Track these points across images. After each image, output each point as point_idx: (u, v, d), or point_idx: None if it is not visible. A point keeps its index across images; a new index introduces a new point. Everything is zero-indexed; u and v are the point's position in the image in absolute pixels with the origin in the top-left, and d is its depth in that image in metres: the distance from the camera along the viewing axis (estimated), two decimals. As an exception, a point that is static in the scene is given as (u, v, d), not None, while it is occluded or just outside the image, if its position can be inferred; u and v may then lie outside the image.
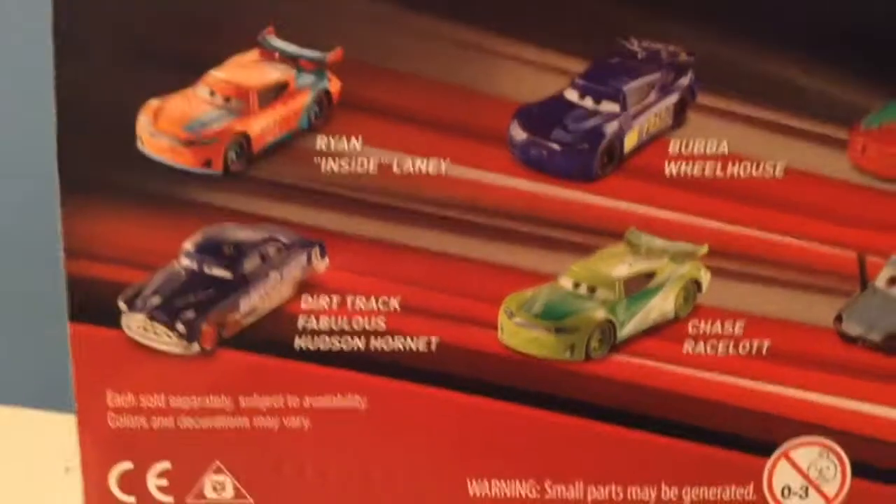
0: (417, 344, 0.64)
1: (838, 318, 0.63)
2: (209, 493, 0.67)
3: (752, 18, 0.60)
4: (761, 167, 0.62)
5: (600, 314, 0.64)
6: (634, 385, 0.64)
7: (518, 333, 0.64)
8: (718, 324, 0.63)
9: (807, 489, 0.66)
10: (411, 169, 0.62)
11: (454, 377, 0.64)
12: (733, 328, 0.63)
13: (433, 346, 0.64)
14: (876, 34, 0.60)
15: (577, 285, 0.64)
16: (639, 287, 0.64)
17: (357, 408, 0.65)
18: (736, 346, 0.63)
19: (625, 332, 0.64)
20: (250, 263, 0.64)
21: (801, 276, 0.63)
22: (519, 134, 0.62)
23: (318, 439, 0.66)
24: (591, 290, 0.64)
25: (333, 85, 0.62)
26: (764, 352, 0.63)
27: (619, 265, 0.64)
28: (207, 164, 0.62)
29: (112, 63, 0.60)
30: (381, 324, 0.64)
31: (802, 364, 0.63)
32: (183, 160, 0.63)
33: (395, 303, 0.64)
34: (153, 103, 0.61)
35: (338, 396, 0.65)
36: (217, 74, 0.62)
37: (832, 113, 0.61)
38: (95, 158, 0.61)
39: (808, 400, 0.64)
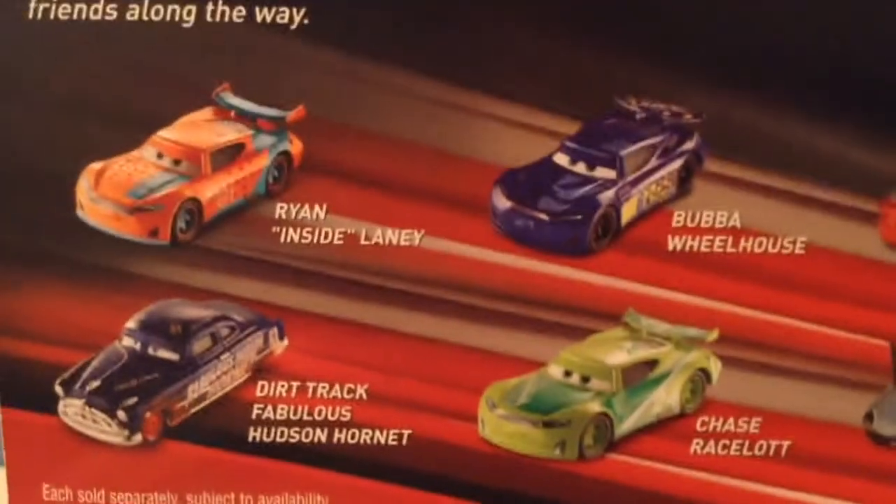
0: (387, 437, 0.57)
1: (869, 417, 0.55)
2: None
3: (768, 75, 0.53)
4: (779, 243, 0.55)
5: (595, 407, 0.56)
6: (634, 489, 0.56)
7: (501, 427, 0.56)
8: (731, 421, 0.55)
9: None
10: (381, 240, 0.56)
11: (428, 476, 0.57)
12: (748, 426, 0.56)
13: (404, 440, 0.57)
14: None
15: (568, 374, 0.56)
16: (639, 377, 0.57)
17: (319, 509, 0.58)
18: (751, 447, 0.56)
19: (623, 428, 0.56)
20: (200, 345, 0.57)
21: (825, 368, 0.55)
22: (502, 202, 0.55)
23: (277, 544, 0.59)
24: (585, 379, 0.56)
25: (295, 146, 0.56)
26: (783, 453, 0.55)
27: (617, 351, 0.57)
28: (154, 233, 0.56)
29: (49, 117, 0.55)
30: (345, 414, 0.57)
31: (827, 468, 0.55)
32: (127, 229, 0.56)
33: (361, 391, 0.57)
34: (95, 166, 0.56)
35: (296, 496, 0.58)
36: (166, 135, 0.56)
37: (860, 182, 0.54)
38: (26, 224, 0.56)
39: (834, 509, 0.57)
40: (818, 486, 0.56)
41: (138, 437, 0.57)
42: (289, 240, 0.56)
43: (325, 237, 0.56)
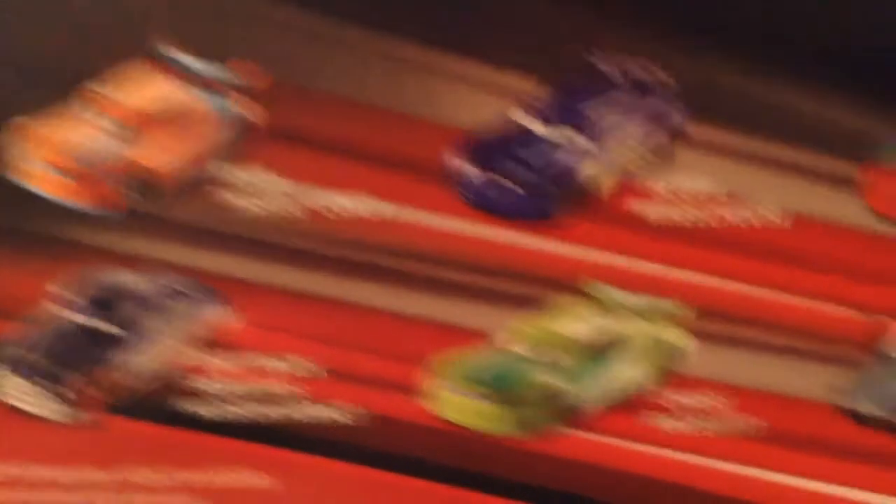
0: (338, 414, 0.55)
1: (848, 394, 0.53)
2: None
3: (750, 37, 0.49)
4: (762, 211, 0.52)
5: (555, 382, 0.54)
6: (597, 468, 0.53)
7: (457, 404, 0.54)
8: (700, 397, 0.53)
9: None
10: (337, 208, 0.53)
11: (380, 454, 0.54)
12: (717, 402, 0.53)
13: (357, 417, 0.55)
14: (892, 53, 0.49)
15: (528, 348, 0.54)
16: (603, 351, 0.54)
17: (264, 488, 0.56)
18: (721, 424, 0.53)
19: (585, 404, 0.53)
20: (144, 317, 0.55)
21: (803, 343, 0.53)
22: (467, 169, 0.52)
23: (223, 522, 0.57)
24: (545, 353, 0.54)
25: (250, 110, 0.52)
26: (756, 432, 0.54)
27: (579, 324, 0.54)
28: (99, 200, 0.53)
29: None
30: (295, 389, 0.55)
31: (804, 447, 0.53)
32: (69, 195, 0.53)
33: (312, 365, 0.55)
34: (27, 124, 0.52)
35: (242, 474, 0.56)
36: (108, 94, 0.52)
37: (846, 149, 0.51)
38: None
39: (811, 490, 0.54)
40: (795, 466, 0.54)
41: (77, 413, 0.55)
42: (241, 208, 0.53)
43: (279, 205, 0.53)
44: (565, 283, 0.53)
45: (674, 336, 0.54)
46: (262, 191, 0.52)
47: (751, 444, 0.54)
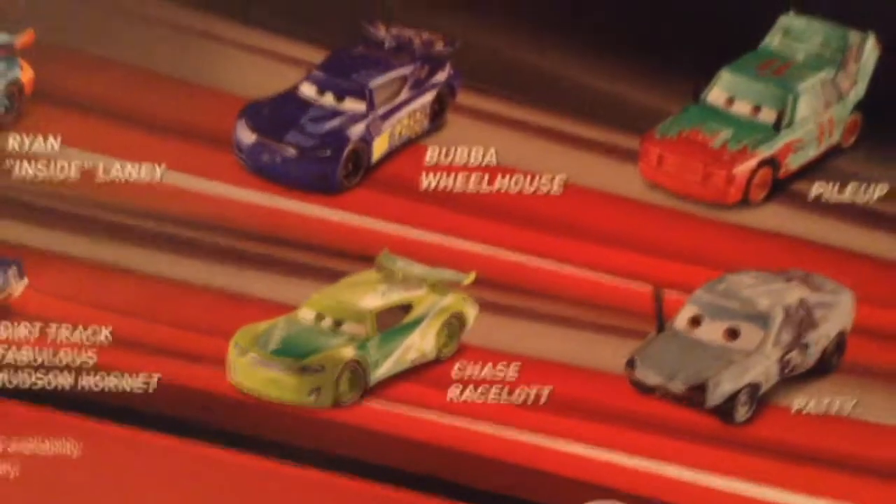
0: (133, 383, 0.54)
1: (630, 364, 0.53)
2: None
3: (534, 12, 0.50)
4: (536, 181, 0.52)
5: (349, 352, 0.54)
6: (391, 436, 0.54)
7: (252, 373, 0.54)
8: (489, 367, 0.53)
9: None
10: (120, 175, 0.53)
11: (177, 422, 0.54)
12: (506, 372, 0.54)
13: (151, 386, 0.54)
14: (671, 28, 0.51)
15: (320, 318, 0.54)
16: (394, 321, 0.54)
17: (70, 455, 0.56)
18: (510, 393, 0.54)
19: (378, 373, 0.54)
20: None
21: (585, 313, 0.53)
22: (247, 136, 0.52)
23: (28, 489, 0.57)
24: (338, 323, 0.54)
25: (26, 74, 0.52)
26: (543, 400, 0.54)
27: (370, 294, 0.54)
28: None
29: None
30: (90, 358, 0.55)
31: (589, 416, 0.54)
32: None
33: (105, 334, 0.54)
34: None
35: (47, 441, 0.56)
36: None
37: (619, 118, 0.52)
38: None
39: (596, 459, 0.54)
40: (581, 434, 0.54)
41: None
42: (23, 174, 0.53)
43: (62, 171, 0.52)
44: (358, 254, 0.54)
45: (461, 305, 0.54)
46: (41, 155, 0.52)
47: (537, 412, 0.55)
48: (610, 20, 0.50)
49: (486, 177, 0.52)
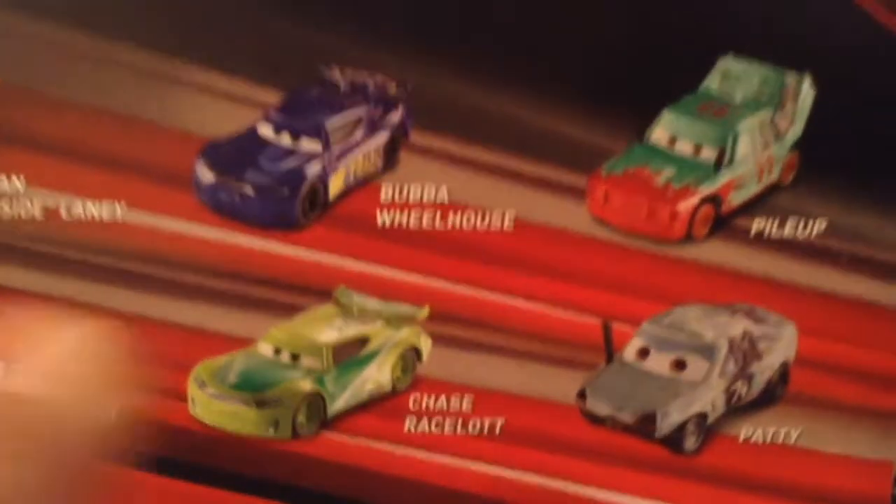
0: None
1: (581, 395, 0.55)
2: None
3: (473, 48, 0.52)
4: (487, 218, 0.54)
5: (306, 385, 0.55)
6: (349, 467, 0.55)
7: (212, 406, 0.55)
8: (443, 399, 0.55)
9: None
10: (82, 214, 0.54)
11: (140, 455, 0.56)
12: (461, 404, 0.55)
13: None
14: (615, 71, 0.52)
15: (278, 351, 0.55)
16: (350, 354, 0.56)
17: (32, 488, 0.57)
18: (465, 425, 0.55)
19: (336, 406, 0.55)
20: None
21: (536, 345, 0.54)
22: (206, 175, 0.54)
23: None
24: (295, 357, 0.55)
25: (-9, 115, 0.55)
26: (497, 431, 0.55)
27: (327, 329, 0.56)
28: None
29: None
30: (52, 392, 0.56)
31: (542, 446, 0.55)
32: None
33: (67, 368, 0.56)
34: None
35: None
36: None
37: (567, 157, 0.53)
38: None
39: (549, 488, 0.56)
40: (534, 464, 0.56)
41: None
42: (-13, 212, 0.55)
43: (25, 210, 0.54)
44: (315, 289, 0.55)
45: (415, 339, 0.56)
46: (3, 194, 0.53)
47: (491, 442, 0.56)
48: (558, 64, 0.51)
49: (439, 214, 0.54)
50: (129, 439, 0.55)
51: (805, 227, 0.53)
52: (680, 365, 0.55)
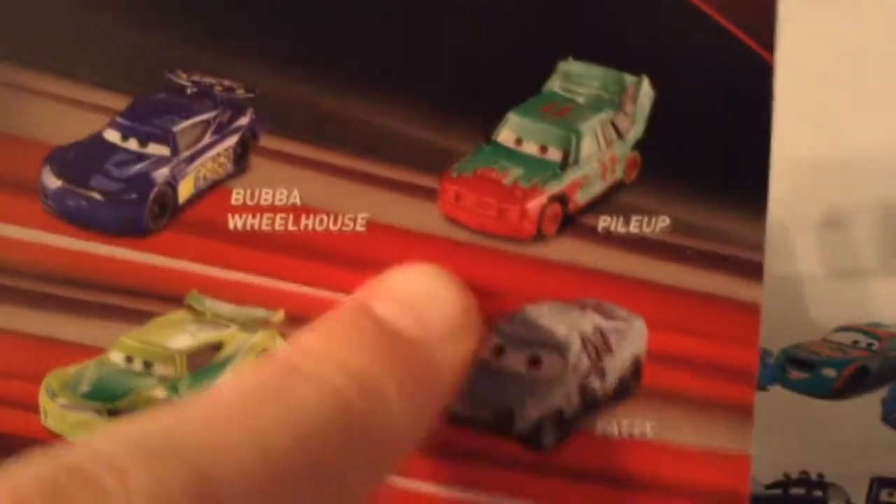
0: (-59, 431, 0.55)
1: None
2: None
3: (316, 50, 0.53)
4: (340, 220, 0.54)
5: (159, 393, 0.55)
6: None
7: (65, 417, 0.54)
8: (301, 402, 0.56)
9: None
10: (-75, 223, 0.54)
11: (-10, 469, 0.55)
12: (318, 407, 0.56)
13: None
14: (461, 74, 0.53)
15: (129, 360, 0.55)
16: (204, 360, 0.55)
17: None
18: (323, 428, 0.56)
19: (191, 413, 0.56)
20: None
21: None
22: (52, 182, 0.53)
23: None
24: (148, 364, 0.55)
25: None
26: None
27: (180, 335, 0.55)
28: None
29: None
30: None
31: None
32: None
33: (-89, 383, 0.55)
34: None
35: None
36: None
37: (418, 159, 0.54)
38: None
39: (418, 491, 0.56)
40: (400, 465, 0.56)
41: None
42: None
43: None
44: (166, 296, 0.55)
45: (270, 342, 0.56)
46: None
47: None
48: (406, 68, 0.52)
49: (292, 217, 0.54)
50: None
51: (649, 223, 0.55)
52: (535, 362, 0.55)
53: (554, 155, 0.54)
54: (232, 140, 0.53)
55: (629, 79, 0.53)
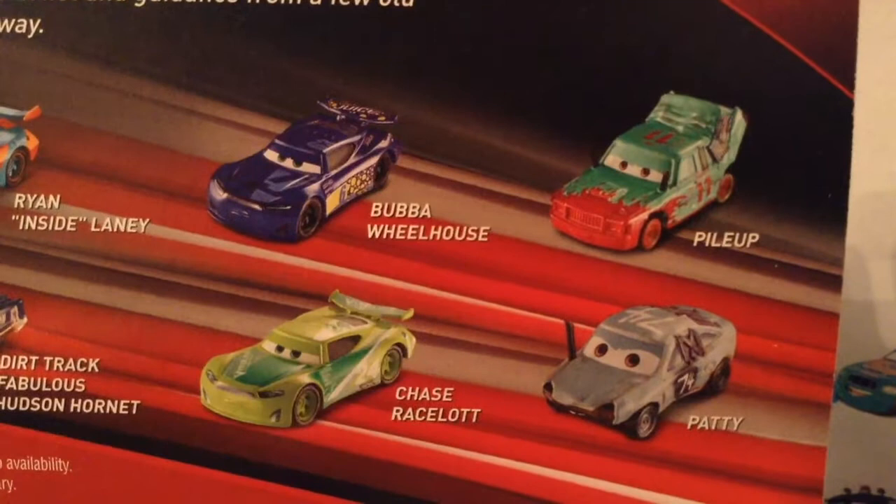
0: (117, 407, 0.62)
1: (548, 387, 0.62)
2: None
3: (451, 83, 0.60)
4: (465, 231, 0.61)
5: (305, 378, 0.62)
6: (342, 452, 0.62)
7: (221, 398, 0.62)
8: (426, 391, 0.62)
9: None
10: (109, 227, 0.62)
11: (156, 442, 0.62)
12: (441, 395, 0.62)
13: (134, 410, 0.62)
14: (575, 105, 0.60)
15: (280, 349, 0.62)
16: (344, 351, 0.63)
17: (60, 472, 0.63)
18: (445, 414, 0.62)
19: (331, 397, 0.62)
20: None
21: (508, 343, 0.61)
22: (219, 194, 0.61)
23: (24, 503, 0.64)
24: (296, 353, 0.62)
25: (31, 142, 0.61)
26: (474, 420, 0.62)
27: (324, 328, 0.63)
28: None
29: None
30: (80, 386, 0.62)
31: (513, 433, 0.62)
32: None
33: (94, 364, 0.62)
34: None
35: (40, 459, 0.63)
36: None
37: (534, 178, 0.61)
38: None
39: (520, 470, 0.63)
40: (506, 449, 0.62)
41: None
42: (27, 227, 0.61)
43: (60, 224, 0.61)
44: (313, 294, 0.62)
45: (401, 337, 0.63)
46: (42, 211, 0.60)
47: (469, 430, 0.63)
48: (525, 99, 0.59)
49: (423, 227, 0.61)
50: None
51: (740, 239, 0.61)
52: (633, 360, 0.62)
53: (655, 177, 0.61)
54: (373, 160, 0.61)
55: (724, 110, 0.59)
